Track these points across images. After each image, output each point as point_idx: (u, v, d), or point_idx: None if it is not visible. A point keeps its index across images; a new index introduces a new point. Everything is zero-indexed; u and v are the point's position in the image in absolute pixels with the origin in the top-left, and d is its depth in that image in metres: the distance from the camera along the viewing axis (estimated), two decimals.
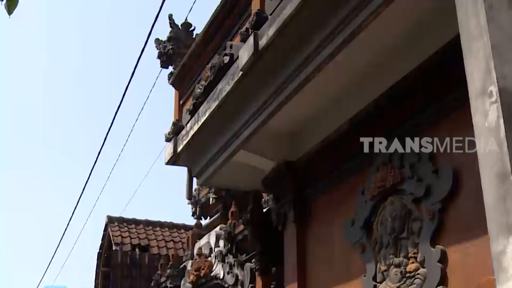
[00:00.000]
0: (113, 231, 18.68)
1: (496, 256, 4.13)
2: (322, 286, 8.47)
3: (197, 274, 13.05)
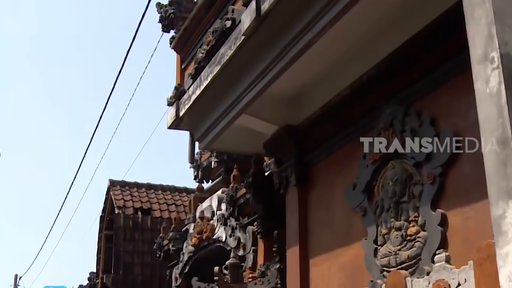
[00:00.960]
0: (115, 195, 18.78)
1: (495, 220, 4.19)
2: (324, 248, 8.57)
3: (199, 237, 13.16)
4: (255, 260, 11.01)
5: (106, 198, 19.38)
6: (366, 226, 7.75)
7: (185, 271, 14.09)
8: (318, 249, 8.73)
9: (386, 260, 7.25)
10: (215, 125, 9.52)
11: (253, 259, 11.04)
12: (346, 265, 8.09)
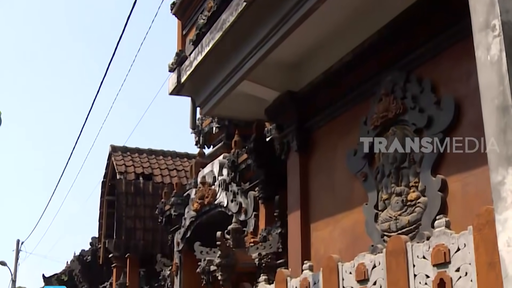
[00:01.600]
0: (117, 160, 18.83)
1: (495, 186, 4.25)
2: (325, 213, 8.65)
3: (201, 202, 13.24)
4: (256, 225, 11.09)
5: (108, 163, 19.44)
6: (367, 191, 7.83)
7: (187, 236, 14.19)
8: (319, 214, 8.81)
9: (386, 225, 7.34)
10: (217, 91, 9.53)
11: (254, 224, 11.13)
12: (347, 230, 8.18)
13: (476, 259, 5.07)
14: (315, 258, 8.39)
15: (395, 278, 5.93)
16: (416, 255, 5.74)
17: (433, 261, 5.52)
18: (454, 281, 5.29)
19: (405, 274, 5.81)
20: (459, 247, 5.29)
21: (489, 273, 4.86)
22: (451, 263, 5.34)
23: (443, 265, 5.41)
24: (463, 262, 5.23)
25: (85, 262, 21.82)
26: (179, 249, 14.60)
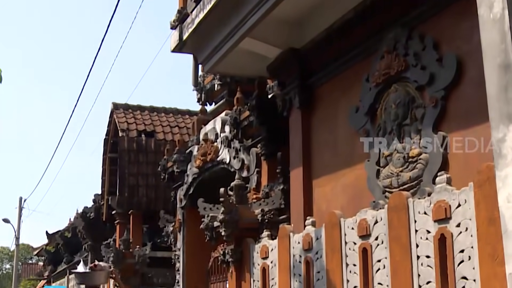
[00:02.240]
0: (119, 118, 18.83)
1: (496, 143, 4.30)
2: (327, 170, 8.73)
3: (203, 159, 13.30)
4: (259, 181, 11.17)
5: (110, 121, 19.46)
6: (369, 148, 7.89)
7: (189, 192, 14.29)
8: (321, 170, 8.88)
9: (388, 181, 7.41)
10: (219, 48, 9.53)
11: (257, 181, 11.20)
12: (348, 186, 8.26)
13: (476, 215, 5.15)
14: (317, 214, 8.49)
15: (397, 233, 6.02)
16: (417, 211, 5.82)
17: (434, 216, 5.61)
18: (454, 236, 5.38)
19: (406, 229, 5.90)
20: (459, 203, 5.37)
21: (489, 229, 4.95)
22: (452, 219, 5.43)
23: (444, 220, 5.49)
24: (464, 218, 5.31)
25: (89, 219, 21.98)
26: (182, 206, 14.72)
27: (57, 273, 29.68)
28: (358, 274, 6.59)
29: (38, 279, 42.86)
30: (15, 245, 37.59)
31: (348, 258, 6.78)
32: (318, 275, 7.30)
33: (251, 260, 8.89)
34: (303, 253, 7.63)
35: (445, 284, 5.43)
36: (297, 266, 7.71)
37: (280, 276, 8.07)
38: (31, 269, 63.00)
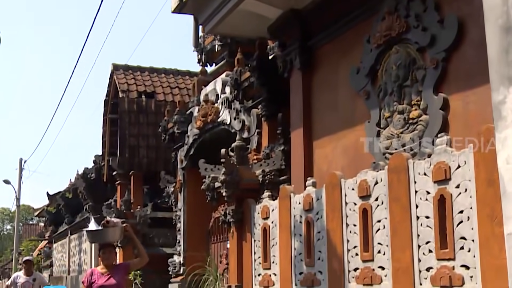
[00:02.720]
0: (119, 79, 18.77)
1: (496, 105, 4.33)
2: (327, 130, 8.76)
3: (203, 120, 13.33)
4: (259, 142, 11.21)
5: (110, 82, 19.41)
6: (369, 109, 7.92)
7: (190, 153, 14.35)
8: (322, 132, 8.92)
9: (388, 142, 7.46)
10: (220, 9, 9.49)
11: (257, 141, 11.24)
12: (349, 147, 8.31)
13: (475, 176, 5.20)
14: (318, 175, 8.55)
15: (397, 194, 6.08)
16: (417, 172, 5.88)
17: (434, 178, 5.66)
18: (454, 197, 5.44)
19: (406, 190, 5.96)
20: (459, 165, 5.41)
21: (488, 190, 5.01)
22: (451, 180, 5.48)
23: (444, 181, 5.55)
24: (463, 179, 5.36)
25: (89, 180, 22.07)
26: (182, 166, 14.79)
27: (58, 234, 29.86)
28: (358, 234, 6.67)
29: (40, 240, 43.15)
30: (16, 206, 37.74)
31: (348, 218, 6.85)
32: (319, 235, 7.39)
33: (252, 221, 8.97)
34: (303, 213, 7.70)
35: (444, 244, 5.51)
36: (298, 226, 7.79)
37: (281, 236, 8.15)
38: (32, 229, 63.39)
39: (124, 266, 7.73)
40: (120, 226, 7.53)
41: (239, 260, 9.25)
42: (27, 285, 12.71)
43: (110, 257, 7.54)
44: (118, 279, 7.42)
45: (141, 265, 7.71)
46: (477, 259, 5.17)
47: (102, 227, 7.47)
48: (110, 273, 7.40)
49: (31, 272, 13.08)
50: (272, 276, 8.34)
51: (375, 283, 6.33)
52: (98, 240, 7.65)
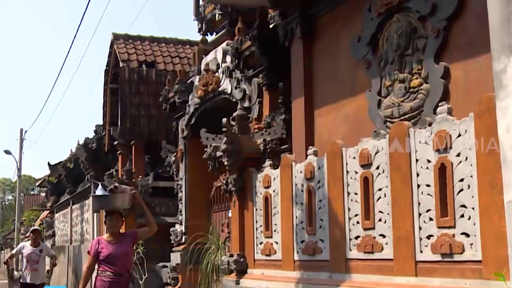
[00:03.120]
0: (119, 48, 18.71)
1: (497, 74, 4.36)
2: (328, 100, 8.79)
3: (204, 89, 13.32)
4: (260, 111, 11.22)
5: (110, 52, 19.33)
6: (370, 78, 7.94)
7: (191, 122, 14.36)
8: (323, 100, 8.95)
9: (389, 111, 7.49)
10: None
11: (258, 111, 11.25)
12: (350, 115, 8.34)
13: (476, 145, 5.24)
14: (319, 144, 8.59)
15: (398, 162, 6.13)
16: (418, 140, 5.91)
17: (434, 146, 5.70)
18: (454, 165, 5.49)
19: (407, 159, 6.00)
20: (460, 133, 5.45)
21: (488, 158, 5.05)
22: (452, 148, 5.52)
23: (444, 150, 5.59)
24: (464, 148, 5.40)
25: (91, 150, 22.11)
26: (183, 136, 14.81)
27: (60, 204, 29.97)
28: (359, 202, 6.73)
29: (41, 210, 43.31)
30: (17, 176, 37.86)
31: (349, 186, 6.91)
32: (320, 204, 7.45)
33: (253, 189, 9.03)
34: (305, 182, 7.75)
35: (445, 212, 5.57)
36: (299, 195, 7.85)
37: (283, 205, 8.22)
38: (33, 200, 63.65)
39: (132, 234, 7.46)
40: (128, 193, 7.31)
41: (241, 229, 9.33)
42: (33, 256, 12.37)
43: (117, 224, 7.32)
44: (126, 248, 7.22)
45: (150, 234, 7.50)
46: (477, 227, 5.22)
47: (110, 193, 7.25)
48: (117, 241, 7.21)
49: (38, 242, 12.70)
50: (273, 244, 8.42)
51: (376, 250, 6.41)
52: (105, 206, 7.40)
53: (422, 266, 5.80)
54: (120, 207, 7.33)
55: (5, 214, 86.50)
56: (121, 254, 7.19)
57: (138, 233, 7.53)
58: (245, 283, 8.96)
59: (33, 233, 12.73)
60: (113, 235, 7.29)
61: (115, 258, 7.16)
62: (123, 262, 7.21)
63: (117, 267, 7.16)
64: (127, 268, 7.30)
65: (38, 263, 12.51)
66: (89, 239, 22.03)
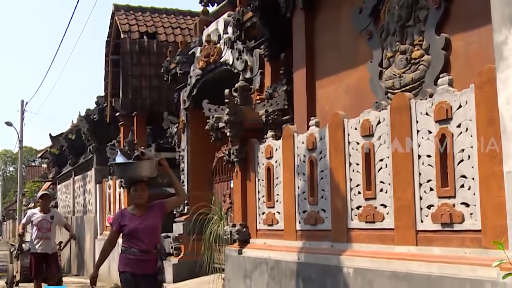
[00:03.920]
0: (120, 19, 18.64)
1: (497, 46, 4.41)
2: (330, 71, 8.82)
3: (206, 60, 13.34)
4: (262, 82, 11.26)
5: (111, 23, 19.27)
6: (372, 49, 7.97)
7: (192, 94, 14.40)
8: (325, 72, 8.98)
9: (390, 82, 7.53)
10: None
11: (260, 82, 11.28)
12: (351, 86, 8.38)
13: (476, 116, 5.29)
14: (320, 115, 8.64)
15: (399, 133, 6.18)
16: (419, 111, 5.96)
17: (435, 117, 5.75)
18: (455, 136, 5.54)
19: (408, 129, 6.05)
20: (460, 104, 5.50)
21: (489, 129, 5.10)
22: (453, 119, 5.57)
23: (445, 121, 5.64)
24: (464, 119, 5.45)
25: (93, 121, 22.13)
26: (185, 107, 14.86)
27: (62, 175, 30.09)
28: (360, 172, 6.79)
29: (43, 181, 43.44)
30: (18, 147, 37.93)
31: (351, 157, 6.97)
32: (322, 174, 7.51)
33: (255, 160, 9.09)
34: (307, 152, 7.81)
35: (445, 182, 5.63)
36: (301, 165, 7.91)
37: (285, 175, 8.28)
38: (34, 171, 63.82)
39: (160, 206, 6.81)
40: (154, 159, 6.72)
41: (243, 199, 9.40)
42: (44, 223, 11.54)
43: (143, 195, 6.67)
44: (153, 221, 6.63)
45: (179, 203, 6.80)
46: (477, 197, 5.29)
47: (136, 159, 6.61)
48: (144, 214, 6.64)
49: (49, 208, 11.83)
50: (276, 214, 8.51)
51: (377, 220, 6.48)
52: (130, 174, 6.74)
53: (422, 236, 5.88)
54: (146, 175, 6.71)
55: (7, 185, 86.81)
56: (148, 228, 6.60)
57: (167, 204, 6.92)
58: (247, 253, 9.07)
59: (42, 198, 11.94)
60: (139, 207, 6.71)
61: (141, 233, 6.58)
62: (150, 237, 6.62)
63: (143, 243, 6.58)
64: (155, 243, 6.71)
65: (50, 231, 11.62)
66: (92, 210, 22.19)
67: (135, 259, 6.57)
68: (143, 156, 6.59)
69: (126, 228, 6.59)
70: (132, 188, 6.69)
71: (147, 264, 6.60)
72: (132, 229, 6.56)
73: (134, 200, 6.74)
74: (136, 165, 6.60)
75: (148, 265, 6.60)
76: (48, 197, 12.38)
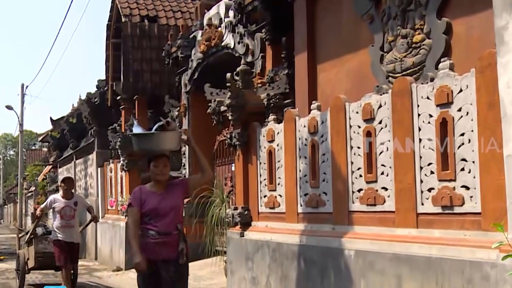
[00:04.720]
0: (121, 3, 18.62)
1: (498, 31, 4.46)
2: (331, 55, 8.85)
3: (207, 44, 13.37)
4: (263, 66, 11.29)
5: (112, 6, 19.26)
6: (373, 33, 8.00)
7: (194, 77, 14.44)
8: (326, 55, 9.01)
9: (391, 66, 7.58)
10: None
11: (261, 65, 11.32)
12: (352, 70, 8.42)
13: (477, 100, 5.33)
14: (322, 98, 8.68)
15: (400, 117, 6.22)
16: (420, 95, 6.00)
17: (436, 101, 5.79)
18: (456, 120, 5.59)
19: (409, 113, 6.09)
20: (461, 88, 5.54)
21: (489, 113, 5.15)
22: (454, 103, 5.61)
23: (446, 105, 5.68)
24: (465, 103, 5.49)
25: (94, 105, 22.15)
26: (186, 91, 14.91)
27: (63, 159, 30.14)
28: (362, 156, 6.84)
29: (44, 165, 43.50)
30: (19, 131, 37.98)
31: (352, 141, 7.02)
32: (323, 157, 7.56)
33: (257, 143, 9.13)
34: (308, 136, 7.85)
35: (446, 165, 5.68)
36: (303, 149, 7.96)
37: (286, 159, 8.33)
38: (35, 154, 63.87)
39: (182, 184, 6.28)
40: (178, 131, 6.13)
41: (245, 182, 9.46)
42: (68, 210, 10.72)
43: (165, 171, 6.06)
44: (175, 200, 6.05)
45: (204, 182, 6.42)
46: (477, 180, 5.34)
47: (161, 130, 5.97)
48: (164, 192, 6.07)
49: (72, 194, 10.98)
50: (277, 197, 8.57)
51: (378, 203, 6.54)
52: (152, 147, 6.00)
53: (423, 218, 5.94)
54: (170, 148, 6.12)
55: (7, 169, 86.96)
56: (168, 207, 6.02)
57: (190, 182, 6.39)
58: (249, 235, 9.14)
59: (64, 182, 10.97)
60: (159, 184, 6.09)
61: (161, 213, 6.00)
62: (171, 218, 6.02)
63: (163, 224, 5.98)
64: (176, 224, 6.07)
65: (74, 218, 10.83)
66: (93, 194, 22.27)
67: (154, 242, 5.97)
68: (168, 126, 6.00)
69: (145, 206, 6.01)
70: (153, 163, 6.05)
71: (167, 247, 5.99)
72: (152, 209, 5.98)
73: (154, 176, 6.09)
74: (159, 136, 5.98)
75: (168, 249, 6.00)
76: (72, 180, 11.56)
